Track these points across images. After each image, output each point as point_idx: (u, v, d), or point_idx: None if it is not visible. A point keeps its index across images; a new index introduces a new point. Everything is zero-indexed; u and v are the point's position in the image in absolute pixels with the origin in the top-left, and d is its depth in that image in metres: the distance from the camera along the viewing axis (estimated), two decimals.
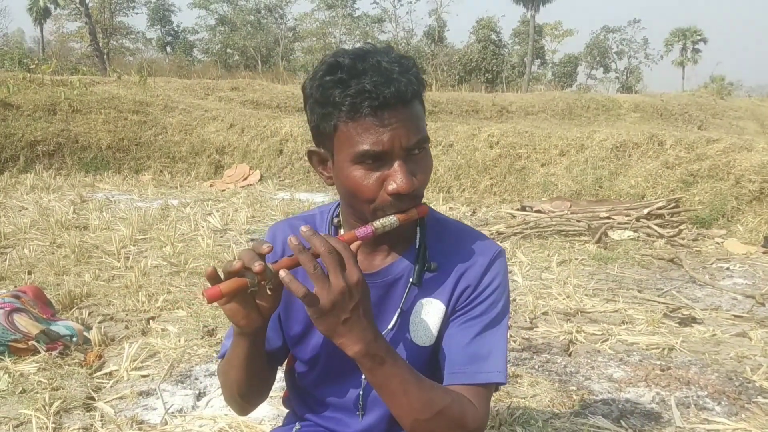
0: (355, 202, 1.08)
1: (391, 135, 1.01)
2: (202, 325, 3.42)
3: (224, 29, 47.25)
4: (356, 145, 1.01)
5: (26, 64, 16.48)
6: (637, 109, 18.25)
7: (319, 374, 1.22)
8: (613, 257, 5.37)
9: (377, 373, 1.00)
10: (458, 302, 1.15)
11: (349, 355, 0.99)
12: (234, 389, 1.19)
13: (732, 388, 2.78)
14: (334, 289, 0.93)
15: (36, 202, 7.36)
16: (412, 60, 1.06)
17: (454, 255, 1.17)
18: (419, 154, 1.06)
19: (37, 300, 3.23)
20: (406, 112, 1.02)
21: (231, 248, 5.19)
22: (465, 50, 42.41)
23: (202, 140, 10.97)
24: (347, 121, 1.01)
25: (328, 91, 1.01)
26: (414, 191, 1.05)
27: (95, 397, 2.60)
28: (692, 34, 50.83)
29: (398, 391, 1.02)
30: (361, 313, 0.97)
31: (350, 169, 1.04)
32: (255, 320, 1.04)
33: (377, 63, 1.01)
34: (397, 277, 1.17)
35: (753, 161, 7.11)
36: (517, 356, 3.14)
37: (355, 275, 0.95)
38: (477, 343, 1.12)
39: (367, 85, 0.98)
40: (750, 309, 4.01)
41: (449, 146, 9.71)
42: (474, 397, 1.08)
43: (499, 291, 1.16)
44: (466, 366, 1.10)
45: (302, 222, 1.26)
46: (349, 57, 1.02)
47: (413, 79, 1.03)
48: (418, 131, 1.04)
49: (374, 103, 0.99)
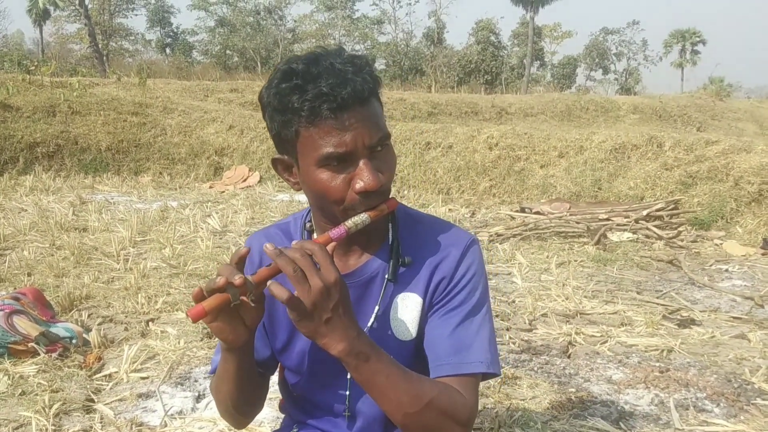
0: (324, 204, 1.09)
1: (353, 135, 1.01)
2: (202, 327, 3.42)
3: (224, 31, 47.25)
4: (319, 148, 1.02)
5: (26, 65, 16.51)
6: (636, 111, 18.28)
7: (306, 380, 1.23)
8: (612, 259, 5.37)
9: (363, 370, 1.01)
10: (435, 294, 1.15)
11: (334, 354, 0.99)
12: (228, 403, 1.20)
13: (731, 389, 2.78)
14: (314, 289, 0.94)
15: (35, 203, 7.36)
16: (364, 59, 1.07)
17: (428, 248, 1.18)
18: (382, 150, 1.07)
19: (36, 302, 3.24)
20: (365, 111, 1.03)
21: (230, 250, 5.19)
22: (464, 52, 42.47)
23: (201, 142, 10.98)
24: (308, 126, 1.01)
25: (286, 98, 1.02)
26: (381, 187, 1.05)
27: (95, 399, 2.60)
28: (691, 35, 50.87)
29: (386, 387, 1.02)
30: (341, 312, 0.98)
31: (316, 172, 1.05)
32: (242, 334, 1.05)
33: (330, 65, 1.01)
34: (373, 275, 1.17)
35: (752, 163, 7.12)
36: (517, 358, 3.15)
37: (333, 274, 0.96)
38: (459, 334, 1.12)
39: (324, 88, 0.99)
40: (749, 311, 4.02)
41: (448, 148, 9.71)
42: (461, 387, 1.09)
43: (476, 279, 1.16)
44: (450, 357, 1.11)
45: (278, 230, 1.27)
46: (302, 62, 1.03)
47: (368, 77, 1.03)
48: (378, 129, 1.05)
49: (333, 105, 0.99)
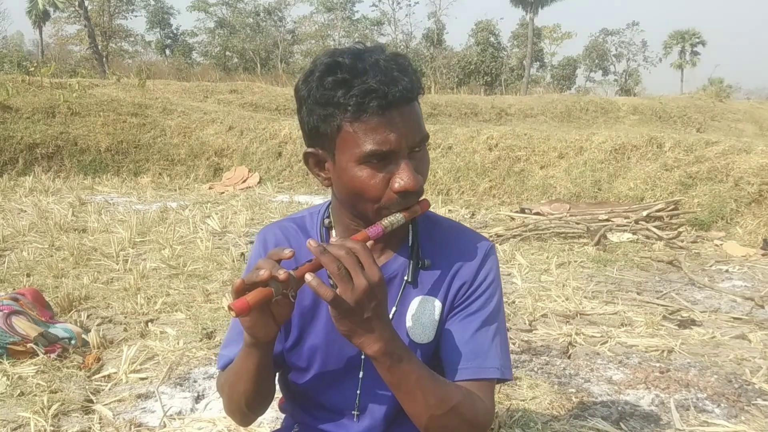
0: (358, 202, 1.08)
1: (398, 134, 1.00)
2: (201, 327, 3.42)
3: (223, 32, 47.27)
4: (362, 145, 1.01)
5: (25, 66, 16.54)
6: (636, 112, 18.27)
7: (315, 378, 1.22)
8: (612, 259, 5.37)
9: (395, 370, 1.00)
10: (455, 299, 1.15)
11: (368, 353, 0.99)
12: (242, 401, 1.16)
13: (731, 390, 2.78)
14: (357, 288, 0.93)
15: (35, 204, 7.35)
16: (407, 58, 1.06)
17: (447, 252, 1.18)
18: (420, 151, 1.07)
19: (35, 302, 3.23)
20: (410, 111, 1.02)
21: (230, 251, 5.18)
22: (464, 53, 42.50)
23: (201, 143, 10.98)
24: (352, 122, 1.00)
25: (330, 92, 1.00)
26: (419, 188, 1.06)
27: (93, 400, 2.60)
28: (691, 36, 50.89)
29: (415, 389, 1.02)
30: (380, 312, 0.98)
31: (355, 169, 1.03)
32: (272, 330, 1.03)
33: (376, 62, 1.00)
34: (392, 276, 1.17)
35: (752, 163, 7.11)
36: (517, 358, 3.14)
37: (376, 274, 0.95)
38: (477, 339, 1.12)
39: (373, 84, 0.97)
40: (749, 311, 4.01)
41: (448, 148, 9.71)
42: (480, 391, 1.09)
43: (494, 286, 1.17)
44: (469, 362, 1.11)
45: (292, 224, 1.25)
46: (347, 56, 1.01)
47: (414, 78, 1.02)
48: (420, 130, 1.05)
49: (382, 102, 0.98)
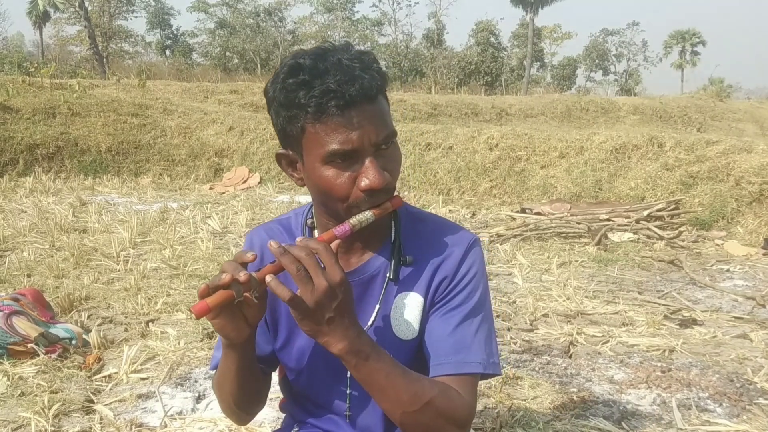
0: (328, 201, 1.08)
1: (360, 133, 1.00)
2: (202, 327, 3.41)
3: (224, 32, 47.27)
4: (325, 145, 1.01)
5: (26, 67, 16.54)
6: (637, 112, 18.29)
7: (307, 377, 1.23)
8: (613, 259, 5.36)
9: (362, 369, 1.01)
10: (436, 294, 1.15)
11: (334, 353, 1.00)
12: (230, 401, 1.19)
13: (733, 389, 2.77)
14: (318, 289, 0.94)
15: (35, 205, 7.35)
16: (372, 55, 1.06)
17: (430, 247, 1.17)
18: (388, 148, 1.06)
19: (36, 303, 3.23)
20: (372, 109, 1.02)
21: (230, 251, 5.18)
22: (464, 53, 42.50)
23: (201, 143, 10.98)
24: (314, 123, 1.00)
25: (292, 93, 1.00)
26: (386, 185, 1.04)
27: (94, 400, 2.59)
28: (691, 36, 50.90)
29: (385, 385, 1.02)
30: (344, 312, 0.98)
31: (321, 169, 1.04)
32: (243, 330, 1.04)
33: (338, 61, 1.00)
34: (375, 273, 1.17)
35: (752, 163, 7.11)
36: (518, 358, 3.14)
37: (338, 274, 0.96)
38: (459, 333, 1.12)
39: (331, 84, 0.97)
40: (750, 311, 4.01)
41: (449, 149, 9.71)
42: (460, 386, 1.08)
43: (477, 279, 1.16)
44: (450, 356, 1.11)
45: (278, 225, 1.26)
46: (309, 57, 1.01)
47: (376, 75, 1.02)
48: (385, 127, 1.04)
49: (340, 102, 0.98)
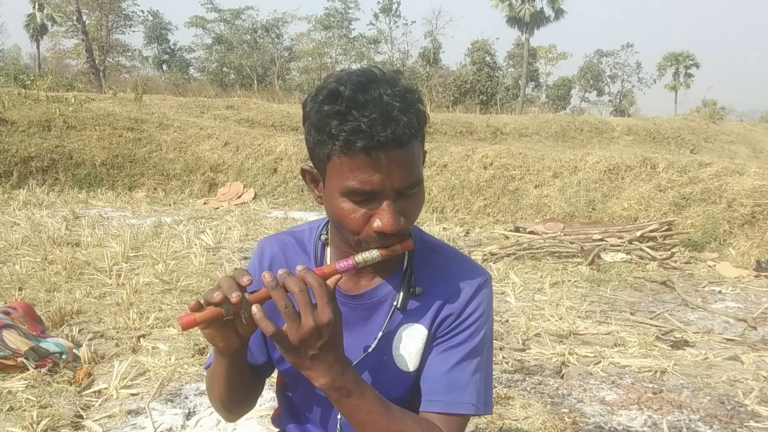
0: (341, 229, 1.07)
1: (382, 177, 0.97)
2: (193, 343, 3.40)
3: (221, 48, 47.44)
4: (346, 179, 0.98)
5: (22, 80, 16.57)
6: (630, 132, 18.41)
7: (303, 391, 1.23)
8: (606, 279, 5.38)
9: (344, 404, 1.01)
10: (440, 329, 1.13)
11: (316, 386, 1.00)
12: (218, 402, 1.21)
13: (724, 411, 2.78)
14: (303, 327, 0.94)
15: (28, 218, 7.32)
16: (417, 94, 1.01)
17: (441, 280, 1.16)
18: (411, 193, 1.03)
19: (27, 316, 3.21)
20: (401, 154, 0.97)
21: (224, 266, 5.17)
22: (460, 72, 42.74)
23: (196, 158, 10.99)
24: (340, 155, 0.97)
25: (325, 120, 0.97)
26: (399, 231, 1.01)
27: (83, 416, 2.57)
28: (685, 58, 51.31)
29: (366, 422, 1.02)
30: (328, 350, 0.98)
31: (339, 200, 1.02)
32: (233, 343, 1.04)
33: (379, 96, 0.96)
34: (382, 300, 1.15)
35: (745, 185, 7.17)
36: (509, 378, 3.13)
37: (327, 315, 0.95)
38: (455, 373, 1.10)
39: (363, 124, 0.94)
40: (742, 332, 4.02)
41: (443, 167, 9.75)
42: (446, 426, 1.07)
43: (482, 320, 1.14)
44: (443, 395, 1.09)
45: (291, 237, 1.25)
46: (350, 87, 0.97)
47: (413, 118, 0.98)
48: (411, 175, 1.00)
49: (368, 143, 0.94)
